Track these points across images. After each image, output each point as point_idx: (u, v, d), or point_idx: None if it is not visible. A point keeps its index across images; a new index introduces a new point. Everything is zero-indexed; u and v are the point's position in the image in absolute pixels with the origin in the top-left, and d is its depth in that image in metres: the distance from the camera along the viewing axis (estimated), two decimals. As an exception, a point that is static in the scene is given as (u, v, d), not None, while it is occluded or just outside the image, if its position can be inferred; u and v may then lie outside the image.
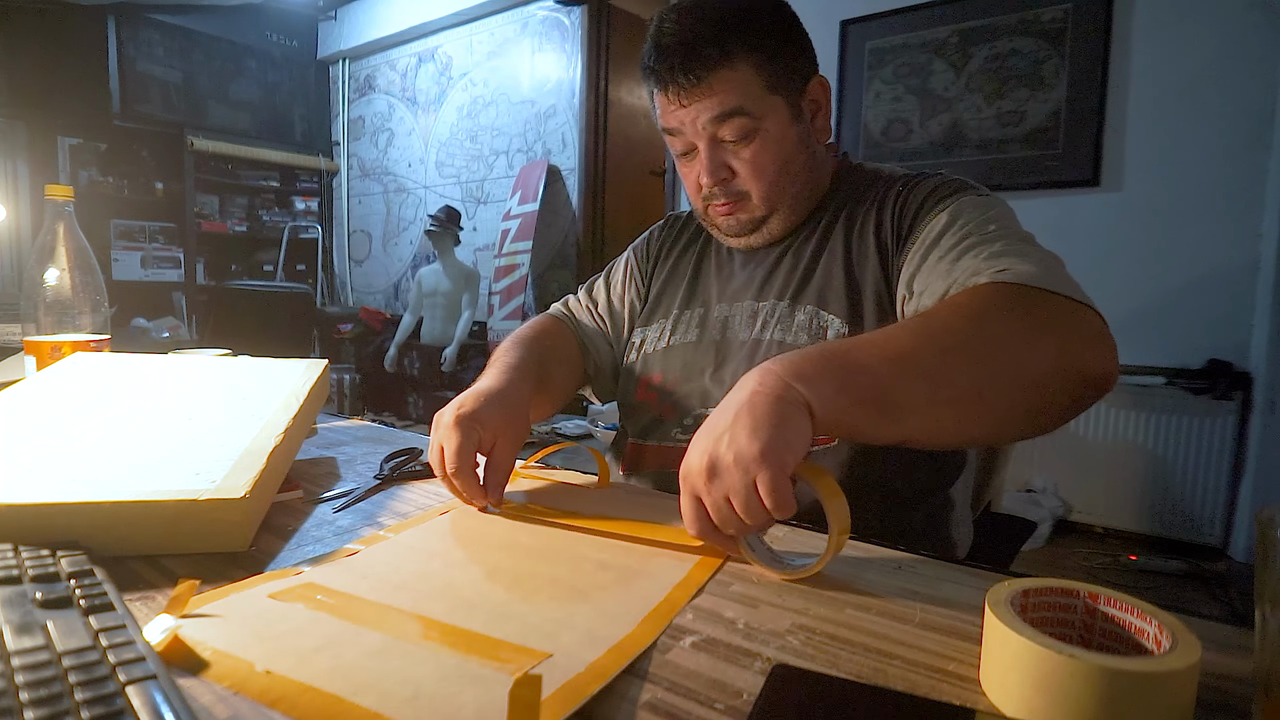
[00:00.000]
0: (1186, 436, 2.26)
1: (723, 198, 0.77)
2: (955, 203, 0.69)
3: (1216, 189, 2.20)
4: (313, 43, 5.53)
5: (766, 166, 0.74)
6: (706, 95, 0.71)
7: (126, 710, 0.27)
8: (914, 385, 0.50)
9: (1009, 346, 0.52)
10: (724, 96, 0.71)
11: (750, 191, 0.76)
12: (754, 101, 0.71)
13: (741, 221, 0.79)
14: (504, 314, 4.03)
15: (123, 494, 0.47)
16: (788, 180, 0.76)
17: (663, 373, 0.83)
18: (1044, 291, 0.55)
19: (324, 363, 0.79)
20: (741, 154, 0.74)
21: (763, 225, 0.79)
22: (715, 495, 0.46)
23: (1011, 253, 0.60)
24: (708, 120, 0.72)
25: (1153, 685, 0.29)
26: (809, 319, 0.75)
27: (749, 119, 0.72)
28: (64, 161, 4.58)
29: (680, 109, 0.73)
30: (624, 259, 0.98)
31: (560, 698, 0.31)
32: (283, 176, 5.48)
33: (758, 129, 0.73)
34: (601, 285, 0.97)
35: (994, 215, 0.67)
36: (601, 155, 4.15)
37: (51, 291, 0.81)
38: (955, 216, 0.68)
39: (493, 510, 0.60)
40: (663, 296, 0.90)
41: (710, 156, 0.74)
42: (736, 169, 0.75)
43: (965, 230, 0.66)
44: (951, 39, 2.62)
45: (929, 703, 0.32)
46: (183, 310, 4.81)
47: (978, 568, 0.49)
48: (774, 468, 0.44)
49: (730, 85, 0.71)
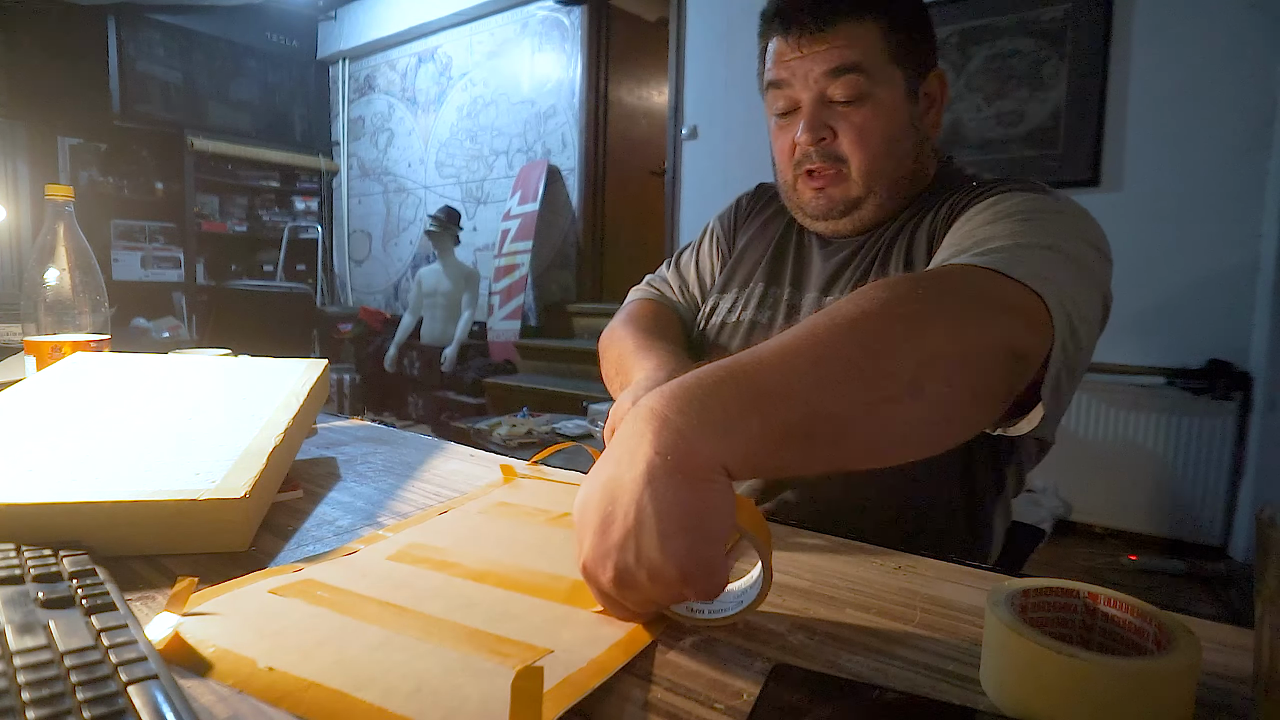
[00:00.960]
0: (1186, 436, 2.26)
1: (818, 160, 0.72)
2: (1003, 196, 0.64)
3: (1217, 189, 2.20)
4: (313, 43, 5.54)
5: (872, 135, 0.70)
6: (828, 43, 0.68)
7: (128, 710, 0.27)
8: (846, 390, 0.40)
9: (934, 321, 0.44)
10: (845, 50, 0.68)
11: (850, 160, 0.71)
12: (874, 63, 0.68)
13: (833, 199, 0.73)
14: (504, 314, 4.03)
15: (123, 494, 0.47)
16: (892, 160, 0.72)
17: (730, 348, 0.80)
18: (991, 272, 0.49)
19: (324, 363, 0.79)
20: (851, 117, 0.70)
21: (855, 209, 0.74)
22: (633, 602, 0.37)
23: (1013, 247, 0.53)
24: (822, 73, 0.69)
25: (1153, 685, 0.29)
26: None
27: (865, 79, 0.68)
28: (64, 161, 4.58)
29: (797, 57, 0.70)
30: (709, 229, 0.94)
31: (561, 691, 0.31)
32: (283, 176, 5.49)
33: (871, 94, 0.69)
34: (690, 260, 0.94)
35: (1035, 212, 0.59)
36: (601, 155, 4.15)
37: (51, 291, 0.81)
38: (1002, 200, 0.63)
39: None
40: (741, 263, 0.86)
41: (812, 114, 0.70)
42: (840, 132, 0.71)
43: (991, 220, 0.60)
44: (951, 39, 2.62)
45: (929, 702, 0.32)
46: (183, 310, 4.81)
47: (978, 568, 0.49)
48: (703, 581, 0.35)
49: (855, 40, 0.68)
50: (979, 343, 0.45)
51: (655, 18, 4.38)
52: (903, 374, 0.41)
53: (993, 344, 0.45)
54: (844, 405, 0.40)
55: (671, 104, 3.50)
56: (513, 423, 2.88)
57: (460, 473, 0.72)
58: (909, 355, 0.41)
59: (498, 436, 2.76)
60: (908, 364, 0.41)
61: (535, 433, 2.79)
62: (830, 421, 0.40)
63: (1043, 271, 0.50)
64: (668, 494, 0.35)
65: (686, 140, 3.41)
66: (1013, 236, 0.55)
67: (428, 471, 0.72)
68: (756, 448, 0.37)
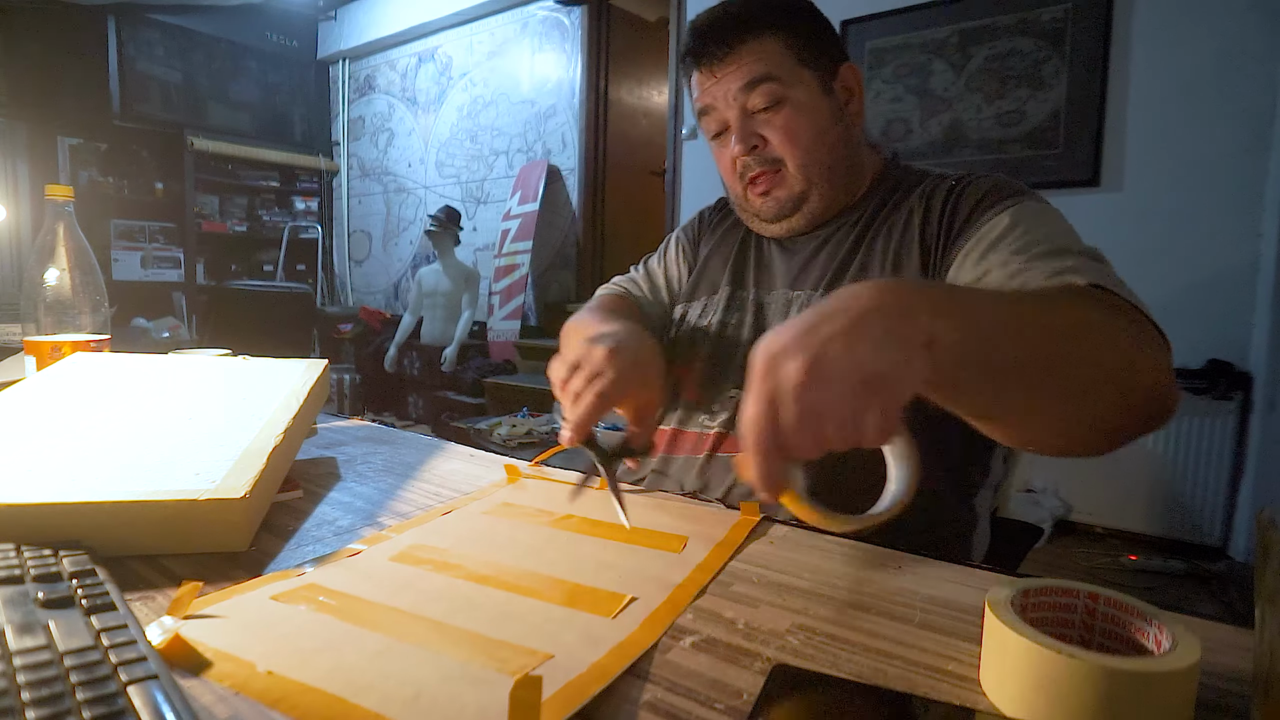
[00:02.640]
0: (1186, 436, 2.26)
1: (757, 167, 0.77)
2: (1016, 205, 0.67)
3: (1216, 189, 2.20)
4: (313, 43, 5.53)
5: (799, 132, 0.75)
6: (735, 63, 0.74)
7: (128, 710, 0.27)
8: (1032, 356, 0.43)
9: (1121, 352, 0.47)
10: (754, 64, 0.73)
11: (785, 159, 0.76)
12: (782, 70, 0.74)
13: (780, 200, 0.78)
14: (504, 314, 4.03)
15: (123, 494, 0.47)
16: (824, 150, 0.76)
17: (700, 351, 0.83)
18: (1141, 312, 0.52)
19: (324, 363, 0.79)
20: (773, 121, 0.75)
21: (802, 204, 0.78)
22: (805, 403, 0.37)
23: (1090, 269, 0.57)
24: (738, 89, 0.74)
25: (1153, 685, 0.29)
26: None
27: (778, 85, 0.74)
28: (64, 161, 4.58)
29: (713, 82, 0.76)
30: (674, 237, 0.98)
31: (561, 698, 0.31)
32: (283, 176, 5.48)
33: (787, 96, 0.74)
34: (659, 265, 0.97)
35: (1060, 227, 0.65)
36: (601, 155, 4.15)
37: (51, 291, 0.81)
38: (1017, 220, 0.65)
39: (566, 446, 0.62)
40: (705, 272, 0.90)
41: (741, 127, 0.76)
42: (769, 136, 0.75)
43: (1031, 237, 0.63)
44: (951, 39, 2.62)
45: (929, 703, 0.32)
46: (183, 310, 4.81)
47: (978, 567, 0.49)
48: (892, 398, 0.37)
49: (760, 54, 0.74)
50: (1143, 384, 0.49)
51: (655, 18, 4.38)
52: (1077, 376, 0.45)
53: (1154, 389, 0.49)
54: (1021, 371, 0.43)
55: (671, 104, 3.50)
56: (513, 423, 2.88)
57: (460, 473, 0.72)
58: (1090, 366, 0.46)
59: (498, 436, 2.76)
60: (1086, 373, 0.46)
61: (535, 433, 2.79)
62: (1005, 377, 0.43)
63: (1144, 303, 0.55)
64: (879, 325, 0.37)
65: (686, 140, 3.41)
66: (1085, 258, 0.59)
67: (428, 472, 0.72)
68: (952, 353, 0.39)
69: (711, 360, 0.82)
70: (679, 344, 0.86)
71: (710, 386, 0.81)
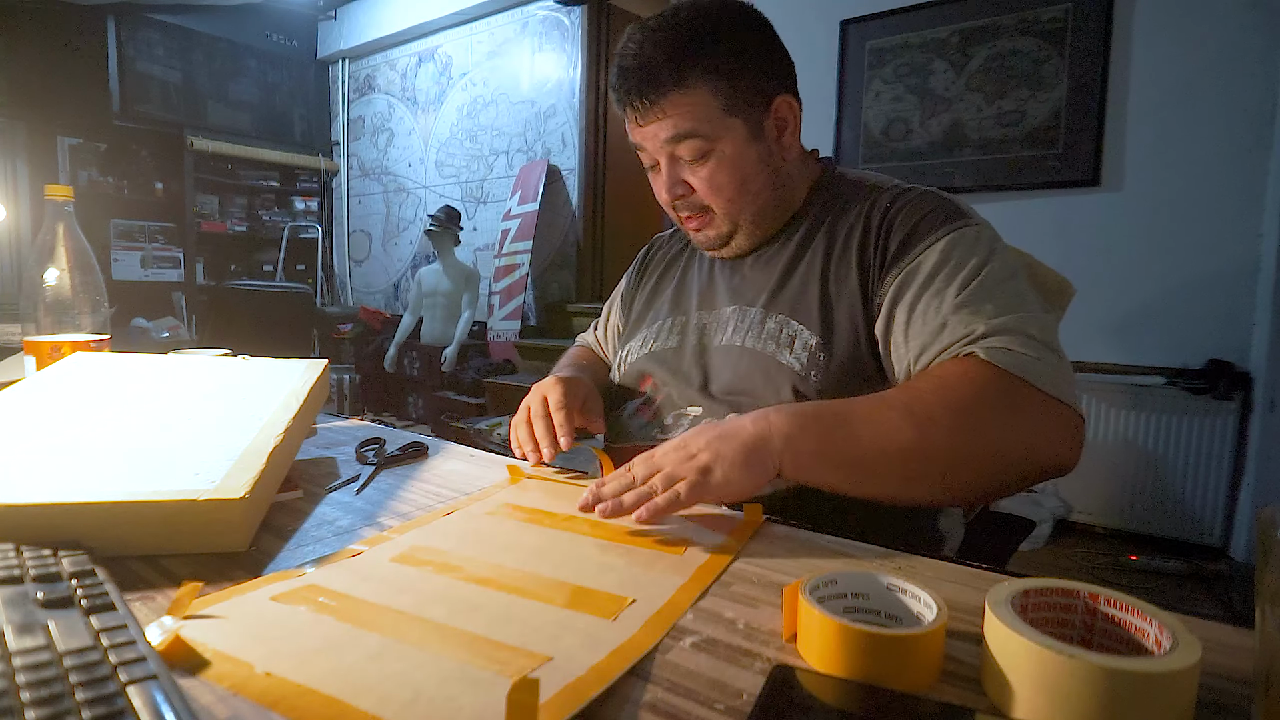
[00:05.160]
0: (1186, 436, 2.26)
1: (685, 210, 0.79)
2: (949, 235, 0.69)
3: (1216, 189, 2.20)
4: (313, 43, 5.53)
5: (723, 185, 0.76)
6: (661, 117, 0.73)
7: (127, 710, 0.27)
8: (889, 464, 0.58)
9: (986, 440, 0.58)
10: (677, 119, 0.73)
11: (711, 206, 0.78)
12: (708, 124, 0.73)
13: (709, 237, 0.81)
14: (504, 314, 4.03)
15: (122, 494, 0.47)
16: (747, 198, 0.77)
17: (647, 377, 0.85)
18: (1031, 388, 0.59)
19: (324, 363, 0.79)
20: (699, 172, 0.76)
21: (729, 240, 0.81)
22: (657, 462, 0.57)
23: (1007, 327, 0.62)
24: (664, 140, 0.74)
25: (1153, 685, 0.29)
26: (779, 327, 0.76)
27: (703, 140, 0.73)
28: (64, 161, 4.58)
29: (639, 128, 0.76)
30: (618, 290, 1.03)
31: (560, 701, 0.31)
32: (282, 176, 5.48)
33: (712, 150, 0.74)
34: (603, 317, 1.05)
35: (988, 259, 0.68)
36: (601, 155, 4.15)
37: (51, 291, 0.81)
38: (949, 253, 0.68)
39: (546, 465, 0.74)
40: (647, 311, 0.93)
41: (668, 174, 0.77)
42: (695, 185, 0.77)
43: (961, 276, 0.67)
44: (951, 39, 2.62)
45: (929, 702, 0.32)
46: (183, 310, 4.81)
47: (977, 568, 0.49)
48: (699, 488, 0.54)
49: (683, 109, 0.72)
50: (1009, 460, 0.60)
51: (655, 18, 4.37)
52: (938, 468, 0.59)
53: (1025, 461, 0.60)
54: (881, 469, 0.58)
55: (671, 104, 3.50)
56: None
57: (460, 473, 0.72)
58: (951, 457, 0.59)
59: (498, 436, 2.76)
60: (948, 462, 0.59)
61: (535, 433, 2.78)
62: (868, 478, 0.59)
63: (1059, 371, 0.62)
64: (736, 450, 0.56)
65: (686, 140, 3.41)
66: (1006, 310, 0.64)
67: (427, 471, 0.72)
68: (806, 464, 0.58)
69: (660, 382, 0.83)
70: (628, 378, 0.88)
71: (659, 403, 0.82)
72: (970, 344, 0.62)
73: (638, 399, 0.84)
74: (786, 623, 0.38)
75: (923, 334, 0.67)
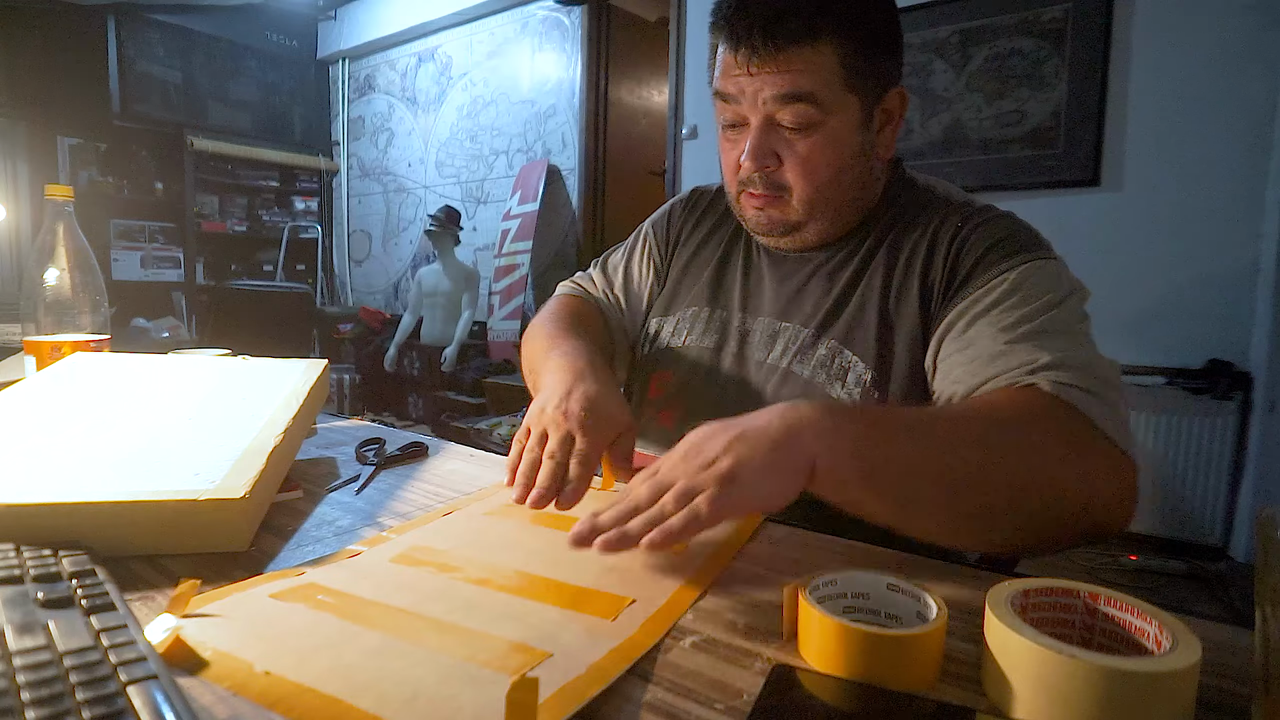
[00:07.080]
0: (1186, 436, 2.26)
1: (759, 187, 0.69)
2: (1021, 267, 0.62)
3: (1216, 189, 2.20)
4: (312, 43, 5.53)
5: (818, 167, 0.67)
6: (778, 67, 0.63)
7: (127, 710, 0.27)
8: (938, 488, 0.47)
9: (1047, 479, 0.49)
10: (798, 76, 0.63)
11: (792, 188, 0.69)
12: (827, 92, 0.64)
13: (773, 220, 0.71)
14: (504, 314, 4.03)
15: (123, 494, 0.47)
16: (837, 190, 0.69)
17: (674, 372, 0.79)
18: (1095, 430, 0.51)
19: (324, 363, 0.79)
20: (796, 145, 0.66)
21: (795, 231, 0.72)
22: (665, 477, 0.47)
23: (1073, 362, 0.55)
24: (771, 97, 0.64)
25: (1153, 685, 0.29)
26: (830, 355, 0.69)
27: (816, 109, 0.64)
28: (64, 161, 4.58)
29: (745, 76, 0.65)
30: (642, 234, 0.91)
31: (560, 699, 0.31)
32: (282, 176, 5.48)
33: (822, 123, 0.65)
34: (620, 263, 0.91)
35: (1064, 298, 0.61)
36: (601, 155, 4.14)
37: (51, 291, 0.81)
38: (1018, 285, 0.61)
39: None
40: (682, 285, 0.84)
41: (759, 138, 0.67)
42: (785, 159, 0.67)
43: (1027, 309, 0.60)
44: (951, 39, 2.62)
45: (929, 702, 0.32)
46: (183, 310, 4.81)
47: (978, 568, 0.49)
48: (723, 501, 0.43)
49: (808, 66, 0.63)
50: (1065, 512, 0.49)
51: (655, 18, 4.37)
52: (984, 502, 0.48)
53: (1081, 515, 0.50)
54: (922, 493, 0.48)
55: (671, 104, 3.50)
56: (513, 423, 2.88)
57: (460, 473, 0.72)
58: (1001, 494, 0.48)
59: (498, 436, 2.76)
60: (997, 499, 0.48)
61: (535, 433, 2.78)
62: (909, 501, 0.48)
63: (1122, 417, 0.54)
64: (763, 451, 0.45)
65: (686, 140, 3.41)
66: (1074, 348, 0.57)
67: (427, 471, 0.72)
68: (844, 476, 0.46)
69: (686, 385, 0.77)
70: (650, 362, 0.82)
71: (683, 411, 0.76)
72: (1032, 373, 0.55)
73: (662, 394, 0.79)
74: (786, 623, 0.38)
75: (977, 358, 0.59)
